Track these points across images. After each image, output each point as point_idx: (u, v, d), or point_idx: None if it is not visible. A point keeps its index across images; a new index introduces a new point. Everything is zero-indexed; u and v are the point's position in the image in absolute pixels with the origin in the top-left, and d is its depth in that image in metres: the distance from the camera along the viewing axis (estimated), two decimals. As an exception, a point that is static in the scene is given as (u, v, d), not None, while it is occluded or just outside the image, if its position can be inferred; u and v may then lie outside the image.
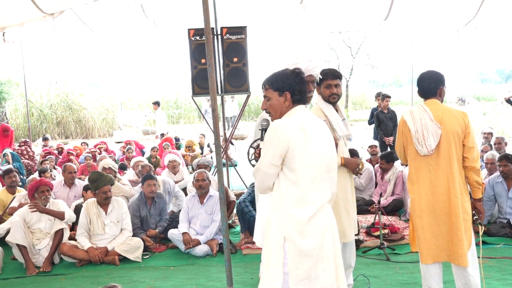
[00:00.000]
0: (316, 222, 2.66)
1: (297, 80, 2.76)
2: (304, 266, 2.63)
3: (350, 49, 24.46)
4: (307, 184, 2.65)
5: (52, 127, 21.58)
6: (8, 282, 5.06)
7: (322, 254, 2.68)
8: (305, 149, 2.63)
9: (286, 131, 2.62)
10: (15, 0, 6.35)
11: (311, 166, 2.65)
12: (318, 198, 2.68)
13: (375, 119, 9.48)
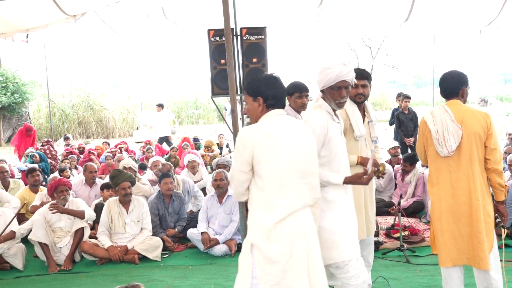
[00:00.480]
0: (284, 228, 2.63)
1: (270, 85, 2.76)
2: (272, 273, 2.63)
3: (370, 49, 24.32)
4: (274, 190, 2.64)
5: (73, 127, 21.89)
6: (30, 279, 5.15)
7: (291, 262, 2.64)
8: (272, 155, 2.62)
9: (250, 138, 2.64)
10: (39, 3, 6.46)
11: (279, 171, 2.63)
12: (286, 204, 2.64)
13: (395, 120, 9.39)
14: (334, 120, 3.24)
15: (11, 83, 19.05)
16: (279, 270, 2.64)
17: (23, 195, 6.65)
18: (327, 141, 3.16)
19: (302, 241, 2.68)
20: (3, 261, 5.34)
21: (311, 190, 2.78)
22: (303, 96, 4.42)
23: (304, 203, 2.73)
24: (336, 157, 3.22)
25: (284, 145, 2.66)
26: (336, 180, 3.13)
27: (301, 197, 2.71)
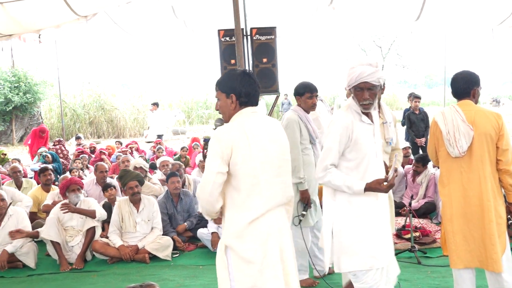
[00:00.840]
0: (257, 227, 2.60)
1: (244, 82, 2.68)
2: (249, 273, 2.59)
3: (381, 49, 24.21)
4: (250, 189, 2.59)
5: (84, 127, 22.02)
6: (42, 277, 5.20)
7: (267, 261, 2.61)
8: (248, 154, 2.57)
9: (227, 139, 2.56)
10: (51, 3, 6.51)
11: (255, 170, 2.58)
12: (262, 203, 2.61)
13: (406, 120, 9.35)
14: (363, 121, 3.11)
15: (23, 83, 19.22)
16: (256, 270, 2.60)
17: (35, 194, 6.72)
18: (353, 144, 3.06)
19: (276, 240, 2.65)
20: (16, 260, 5.40)
21: (285, 189, 2.74)
22: (314, 96, 4.43)
23: (278, 202, 2.70)
24: (364, 161, 3.09)
25: (259, 144, 2.61)
26: (356, 187, 2.99)
27: (276, 196, 2.68)
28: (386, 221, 3.18)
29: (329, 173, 3.05)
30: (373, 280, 3.06)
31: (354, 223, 3.06)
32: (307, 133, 4.39)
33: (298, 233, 4.42)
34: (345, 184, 3.00)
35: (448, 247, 3.61)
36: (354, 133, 3.05)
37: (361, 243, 3.04)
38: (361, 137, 3.06)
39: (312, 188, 4.46)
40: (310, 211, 4.47)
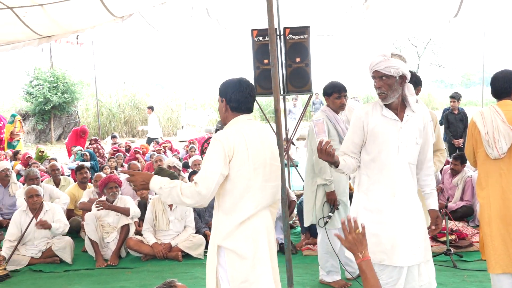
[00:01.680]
0: (247, 227, 2.74)
1: (235, 89, 2.83)
2: (241, 269, 2.74)
3: (416, 48, 23.76)
4: (242, 192, 2.72)
5: (120, 126, 22.45)
6: (78, 273, 5.33)
7: (258, 258, 2.76)
8: (245, 158, 2.70)
9: (231, 142, 2.69)
10: (88, 5, 6.65)
11: (249, 174, 2.71)
12: (253, 206, 2.75)
13: (444, 120, 9.15)
14: (384, 115, 3.07)
15: (62, 83, 19.74)
16: (248, 265, 2.74)
17: (72, 192, 6.89)
18: (369, 136, 3.09)
19: (264, 237, 2.80)
20: (53, 255, 5.55)
21: (275, 193, 2.90)
22: (342, 96, 4.37)
23: (266, 204, 2.85)
24: (382, 156, 3.06)
25: (255, 149, 2.75)
26: None
27: (266, 198, 2.82)
28: (409, 221, 3.08)
29: (340, 159, 3.12)
30: (389, 277, 3.03)
31: (367, 215, 3.08)
32: (336, 134, 4.34)
33: (324, 235, 4.39)
34: None
35: (486, 251, 3.51)
36: (370, 124, 3.06)
37: (374, 237, 3.00)
38: (380, 131, 3.04)
39: (341, 189, 4.41)
40: (339, 213, 4.42)
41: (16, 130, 12.41)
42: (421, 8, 8.66)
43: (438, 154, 3.96)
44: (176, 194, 2.71)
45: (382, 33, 13.28)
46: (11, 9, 6.30)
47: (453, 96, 9.20)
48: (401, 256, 3.02)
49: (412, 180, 3.11)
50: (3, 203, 7.17)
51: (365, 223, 2.99)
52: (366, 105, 3.18)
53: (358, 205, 3.16)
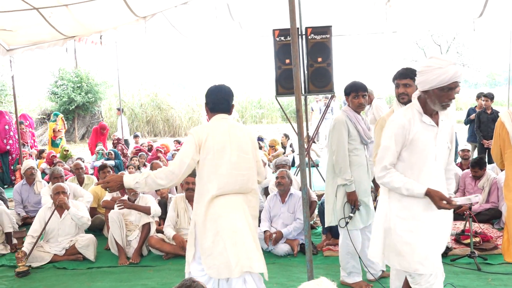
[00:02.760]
0: (214, 207, 3.28)
1: (210, 93, 3.47)
2: (206, 245, 3.28)
3: (440, 48, 23.42)
4: (208, 177, 3.30)
5: (142, 126, 22.68)
6: (101, 270, 5.40)
7: (221, 235, 3.26)
8: (210, 148, 3.28)
9: (199, 134, 3.31)
10: (112, 5, 6.72)
11: (213, 162, 3.27)
12: (217, 188, 3.27)
13: (476, 120, 8.96)
14: (424, 122, 2.99)
15: (85, 83, 20.04)
16: (210, 242, 3.28)
17: (95, 191, 6.98)
18: (409, 144, 2.98)
19: (227, 219, 3.28)
20: (77, 252, 5.63)
21: (245, 181, 3.37)
22: (360, 96, 4.32)
23: (232, 190, 3.33)
24: (420, 162, 2.99)
25: (220, 142, 3.30)
26: (417, 190, 2.93)
27: (233, 185, 3.32)
28: (441, 225, 3.06)
29: (388, 174, 2.99)
30: (427, 282, 3.01)
31: (400, 223, 3.01)
32: (356, 134, 4.31)
33: (346, 235, 4.36)
34: (404, 186, 2.93)
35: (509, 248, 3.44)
36: (411, 133, 2.96)
37: (409, 246, 2.97)
38: (420, 138, 2.96)
39: (363, 189, 4.37)
40: (360, 213, 4.38)
41: (58, 127, 12.65)
42: (445, 8, 8.52)
43: None
44: (151, 181, 3.23)
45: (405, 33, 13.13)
46: (37, 9, 6.41)
47: (487, 95, 8.99)
48: (436, 264, 3.01)
49: (445, 186, 3.07)
50: (29, 201, 7.30)
51: (398, 232, 2.97)
52: (406, 112, 3.03)
53: (390, 213, 3.06)
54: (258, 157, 3.57)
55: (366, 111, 7.46)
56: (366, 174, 4.36)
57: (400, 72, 3.71)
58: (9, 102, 18.39)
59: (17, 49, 7.81)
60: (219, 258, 3.26)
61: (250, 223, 3.38)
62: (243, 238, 3.29)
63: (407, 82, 3.68)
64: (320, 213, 5.87)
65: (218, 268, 3.27)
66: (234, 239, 3.27)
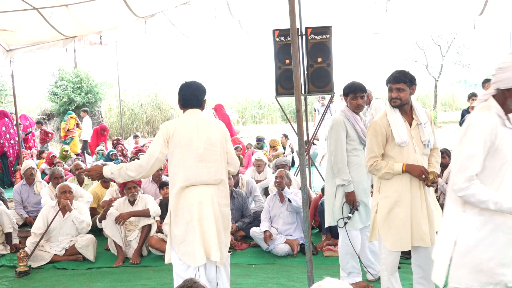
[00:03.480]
0: (183, 198, 3.56)
1: (180, 90, 3.74)
2: (178, 233, 3.57)
3: (440, 48, 23.39)
4: (176, 168, 3.57)
5: (142, 126, 22.68)
6: (101, 271, 5.39)
7: (191, 225, 3.54)
8: (178, 142, 3.55)
9: (167, 129, 3.60)
10: (111, 5, 6.72)
11: (181, 155, 3.54)
12: (185, 179, 3.53)
13: None
14: (505, 125, 2.74)
15: (85, 83, 20.04)
16: (183, 230, 3.56)
17: (95, 191, 6.97)
18: (493, 150, 2.70)
19: (196, 209, 3.54)
20: (76, 252, 5.63)
21: (212, 173, 3.60)
22: (358, 97, 4.33)
23: (201, 181, 3.57)
24: (503, 169, 2.72)
25: (187, 136, 3.55)
26: (507, 204, 2.62)
27: (200, 176, 3.56)
28: None
29: (473, 185, 2.68)
30: None
31: (487, 239, 2.74)
32: (355, 134, 4.32)
33: (345, 235, 4.36)
34: (492, 200, 2.64)
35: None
36: (497, 138, 2.71)
37: (493, 260, 2.73)
38: (504, 143, 2.72)
39: (361, 189, 4.37)
40: (360, 213, 4.38)
41: (68, 127, 12.58)
42: (445, 6, 8.52)
43: (434, 154, 3.87)
44: (124, 172, 3.58)
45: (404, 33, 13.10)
46: (37, 9, 6.41)
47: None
48: None
49: None
50: (28, 201, 7.30)
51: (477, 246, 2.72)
52: (490, 115, 2.74)
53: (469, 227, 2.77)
54: (229, 149, 3.80)
55: (365, 112, 7.47)
56: (365, 174, 4.37)
57: (394, 76, 3.67)
58: (9, 103, 18.41)
59: (17, 49, 7.82)
60: (190, 246, 3.54)
61: (219, 213, 3.63)
62: (208, 227, 3.56)
63: (401, 87, 3.66)
64: (320, 213, 5.87)
65: (190, 255, 3.55)
66: (201, 228, 3.56)
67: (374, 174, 3.73)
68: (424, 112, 3.80)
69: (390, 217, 3.67)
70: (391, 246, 3.68)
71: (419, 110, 3.77)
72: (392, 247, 3.68)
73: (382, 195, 3.71)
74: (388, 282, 3.77)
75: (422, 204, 3.68)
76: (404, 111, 3.72)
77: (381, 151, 3.69)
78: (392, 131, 3.62)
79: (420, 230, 3.64)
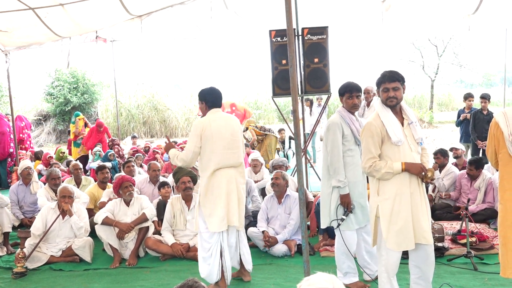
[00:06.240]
0: (213, 179, 4.32)
1: (210, 94, 4.48)
2: (207, 206, 4.35)
3: (436, 48, 23.44)
4: (209, 155, 4.30)
5: (139, 127, 22.63)
6: (97, 272, 5.38)
7: (219, 199, 4.31)
8: (209, 135, 4.29)
9: (201, 125, 4.33)
10: (107, 4, 6.71)
11: (212, 146, 4.27)
12: (216, 164, 4.30)
13: (471, 119, 8.94)
14: None
15: (81, 84, 19.98)
16: (212, 204, 4.33)
17: (92, 192, 6.95)
18: None
19: (225, 186, 4.33)
20: (73, 254, 5.61)
21: (236, 157, 4.43)
22: (354, 96, 4.34)
23: (228, 164, 4.37)
24: None
25: (216, 129, 4.31)
26: None
27: (227, 160, 4.35)
28: None
29: None
30: None
31: None
32: (350, 134, 4.32)
33: (340, 236, 4.36)
34: None
35: (507, 254, 3.44)
36: None
37: None
38: None
39: (358, 190, 4.37)
40: (356, 214, 4.38)
41: (78, 130, 12.48)
42: (440, 6, 8.52)
43: (423, 154, 3.90)
44: (176, 160, 4.39)
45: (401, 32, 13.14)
46: (33, 9, 6.40)
47: (484, 96, 8.97)
48: None
49: None
50: (25, 201, 7.28)
51: None
52: None
53: None
54: (243, 138, 4.68)
55: (364, 111, 7.48)
56: (361, 175, 4.36)
57: (389, 76, 3.68)
58: (5, 103, 18.34)
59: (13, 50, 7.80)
60: (217, 216, 4.31)
61: (240, 189, 4.45)
62: (231, 200, 4.36)
63: (396, 86, 3.67)
64: (316, 213, 5.86)
65: (216, 224, 4.32)
66: (227, 201, 4.34)
67: (373, 175, 3.71)
68: (412, 111, 3.84)
69: (392, 219, 3.66)
70: (396, 247, 3.67)
71: (408, 110, 3.80)
72: (398, 247, 3.68)
73: (382, 197, 3.71)
74: (388, 283, 3.77)
75: (422, 202, 3.70)
76: (396, 111, 3.75)
77: (378, 151, 3.69)
78: (387, 131, 3.63)
79: (421, 227, 3.66)
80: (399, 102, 3.72)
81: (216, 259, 4.41)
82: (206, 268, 4.44)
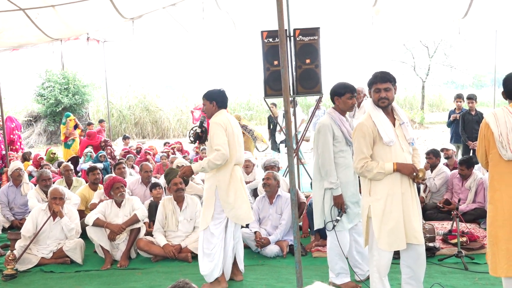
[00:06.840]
0: (232, 173, 4.52)
1: (219, 94, 4.68)
2: (228, 200, 4.51)
3: (427, 49, 23.58)
4: (232, 150, 4.48)
5: (130, 127, 22.52)
6: (89, 274, 5.35)
7: (237, 194, 4.53)
8: (231, 133, 4.52)
9: (223, 123, 4.50)
10: (99, 6, 6.69)
11: (232, 140, 4.50)
12: (234, 161, 4.54)
13: (460, 121, 9.01)
14: None
15: (72, 85, 19.86)
16: (233, 198, 4.51)
17: (83, 193, 6.91)
18: None
19: (239, 182, 4.60)
20: (64, 255, 5.58)
21: (243, 156, 4.82)
22: (354, 96, 4.37)
23: (241, 161, 4.74)
24: None
25: (233, 128, 4.58)
26: None
27: (241, 157, 4.70)
28: None
29: None
30: None
31: None
32: (341, 135, 4.33)
33: (334, 237, 4.37)
34: None
35: (497, 254, 3.46)
36: None
37: None
38: None
39: (350, 191, 4.39)
40: (347, 213, 4.40)
41: (69, 130, 12.37)
42: (430, 10, 8.57)
43: (414, 154, 3.93)
44: (212, 163, 4.41)
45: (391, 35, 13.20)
46: (23, 10, 6.36)
47: (471, 97, 9.03)
48: None
49: None
50: (15, 202, 7.23)
51: None
52: None
53: None
54: None
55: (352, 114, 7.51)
56: (353, 176, 4.37)
57: (380, 76, 3.69)
58: (-5, 104, 18.16)
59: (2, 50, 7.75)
60: (240, 209, 4.56)
61: (245, 186, 4.82)
62: (246, 197, 4.68)
63: (388, 86, 3.69)
64: (308, 214, 5.88)
65: (239, 216, 4.58)
66: (246, 196, 4.69)
67: (365, 175, 3.72)
68: (403, 112, 3.86)
69: (384, 219, 3.67)
70: (388, 247, 3.69)
71: (400, 110, 3.82)
72: (389, 247, 3.69)
73: (373, 197, 3.72)
74: (380, 283, 3.78)
75: (413, 202, 3.73)
76: (387, 111, 3.76)
77: (370, 152, 3.71)
78: (379, 131, 3.65)
79: (412, 227, 3.68)
80: (391, 103, 3.74)
81: (220, 256, 4.52)
82: (209, 264, 4.51)
